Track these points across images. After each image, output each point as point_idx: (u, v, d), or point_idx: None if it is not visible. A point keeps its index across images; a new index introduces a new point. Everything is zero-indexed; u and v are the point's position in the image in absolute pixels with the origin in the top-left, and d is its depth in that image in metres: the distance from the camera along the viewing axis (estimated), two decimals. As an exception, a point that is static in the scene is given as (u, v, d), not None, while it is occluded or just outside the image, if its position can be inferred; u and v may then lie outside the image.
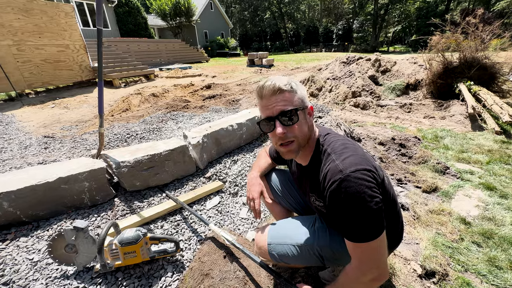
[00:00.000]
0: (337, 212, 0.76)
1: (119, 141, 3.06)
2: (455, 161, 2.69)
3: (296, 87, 0.84)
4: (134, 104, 6.42)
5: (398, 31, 36.58)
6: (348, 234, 0.75)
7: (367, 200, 0.70)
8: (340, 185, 0.73)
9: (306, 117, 0.86)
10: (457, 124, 3.81)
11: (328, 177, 0.78)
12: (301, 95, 0.85)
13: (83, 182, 1.61)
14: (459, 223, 1.77)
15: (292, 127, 0.82)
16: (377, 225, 0.73)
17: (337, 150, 0.81)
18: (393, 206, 0.89)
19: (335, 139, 0.87)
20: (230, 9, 42.78)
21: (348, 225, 0.74)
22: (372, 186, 0.73)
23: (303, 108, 0.84)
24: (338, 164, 0.76)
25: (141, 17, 17.58)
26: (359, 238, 0.73)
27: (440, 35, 4.57)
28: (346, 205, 0.72)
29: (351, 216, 0.73)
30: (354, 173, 0.72)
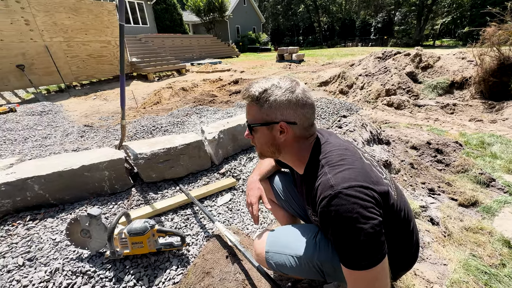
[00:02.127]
0: (328, 232, 0.67)
1: (144, 132, 3.21)
2: (504, 172, 2.33)
3: (265, 97, 0.73)
4: (164, 97, 6.72)
5: (447, 22, 32.92)
6: (341, 257, 0.66)
7: (361, 222, 0.60)
8: (330, 203, 0.64)
9: (272, 132, 0.77)
10: (510, 129, 3.30)
11: (319, 192, 0.69)
12: (266, 109, 0.74)
13: (103, 171, 1.71)
14: (501, 245, 1.53)
15: (253, 137, 0.83)
16: (374, 252, 0.62)
17: (332, 161, 0.72)
18: (406, 225, 0.77)
19: (333, 148, 0.76)
20: (263, 3, 42.44)
21: (340, 248, 0.65)
22: (368, 206, 0.62)
23: (264, 124, 0.76)
24: (330, 178, 0.67)
25: (177, 13, 18.29)
26: (352, 264, 0.63)
27: (497, 26, 3.96)
28: (336, 225, 0.63)
29: (342, 239, 0.63)
30: (347, 189, 0.63)
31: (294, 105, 0.73)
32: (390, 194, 0.71)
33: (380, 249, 0.62)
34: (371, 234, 0.61)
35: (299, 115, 0.75)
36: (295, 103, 0.73)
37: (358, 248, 0.62)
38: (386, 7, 36.29)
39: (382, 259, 0.62)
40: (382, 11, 35.35)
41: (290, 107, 0.73)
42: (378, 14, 35.32)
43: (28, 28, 6.10)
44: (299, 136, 0.78)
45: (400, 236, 0.77)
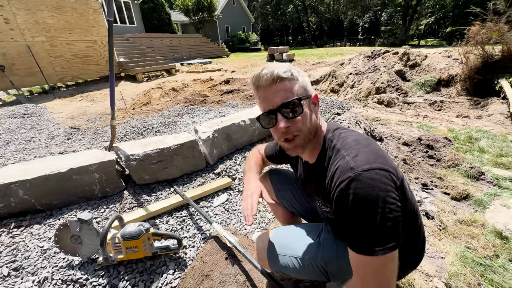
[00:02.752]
0: (343, 217, 0.64)
1: (135, 133, 3.12)
2: (492, 166, 2.41)
3: (298, 74, 0.75)
4: (154, 98, 6.59)
5: (431, 23, 33.98)
6: (352, 242, 0.63)
7: (380, 206, 0.58)
8: (349, 185, 0.61)
9: (311, 107, 0.76)
10: (495, 124, 3.42)
11: (336, 175, 0.66)
12: (303, 83, 0.75)
13: (93, 174, 1.63)
14: (494, 237, 1.56)
15: (296, 120, 0.72)
16: (390, 238, 0.59)
17: (348, 145, 0.70)
18: (413, 219, 0.76)
19: (346, 134, 0.75)
20: (252, 3, 42.43)
21: (353, 232, 0.62)
22: (389, 189, 0.60)
23: (307, 98, 0.74)
24: (349, 160, 0.64)
25: (165, 13, 18.00)
26: (364, 249, 0.60)
27: (480, 26, 4.10)
28: (354, 209, 0.60)
29: (357, 222, 0.61)
30: (367, 172, 0.60)
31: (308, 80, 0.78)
32: (405, 181, 0.69)
33: (395, 236, 0.60)
34: (390, 218, 0.59)
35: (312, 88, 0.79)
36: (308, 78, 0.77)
37: (373, 232, 0.59)
38: (372, 8, 37.06)
39: (395, 248, 0.60)
40: (369, 11, 36.05)
41: (309, 82, 0.78)
42: (365, 14, 35.98)
43: (8, 27, 5.83)
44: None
45: (409, 230, 0.75)
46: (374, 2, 37.45)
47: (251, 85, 0.76)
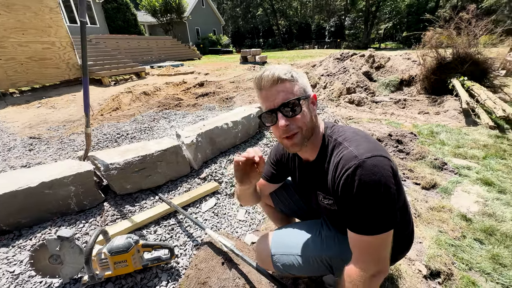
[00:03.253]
0: (347, 202, 0.69)
1: (108, 141, 2.93)
2: (452, 156, 2.68)
3: (297, 75, 0.79)
4: (124, 103, 6.25)
5: (389, 28, 36.92)
6: (354, 224, 0.69)
7: (382, 190, 0.64)
8: (355, 172, 0.66)
9: (310, 106, 0.80)
10: (451, 119, 3.82)
11: (341, 164, 0.71)
12: (302, 84, 0.79)
13: (68, 187, 1.50)
14: (460, 220, 1.75)
15: (295, 118, 0.77)
16: (388, 218, 0.66)
17: (349, 138, 0.75)
18: (404, 208, 0.83)
19: (344, 129, 0.81)
20: (222, 6, 42.27)
21: (357, 215, 0.68)
22: (389, 174, 0.66)
23: (306, 98, 0.78)
24: (353, 150, 0.70)
25: (131, 13, 17.15)
26: (365, 229, 0.67)
27: (434, 31, 4.56)
28: (359, 193, 0.66)
29: (362, 205, 0.66)
30: (370, 159, 0.66)
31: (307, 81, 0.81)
32: (397, 169, 0.76)
33: (393, 216, 0.66)
34: (389, 201, 0.65)
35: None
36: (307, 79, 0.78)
37: (375, 213, 0.65)
38: (337, 13, 39.15)
39: (392, 227, 0.67)
40: (334, 16, 38.01)
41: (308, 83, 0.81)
42: (331, 19, 37.87)
43: None
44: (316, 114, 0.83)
45: (402, 217, 0.82)
46: (338, 7, 39.60)
47: (254, 86, 0.80)
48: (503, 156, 2.58)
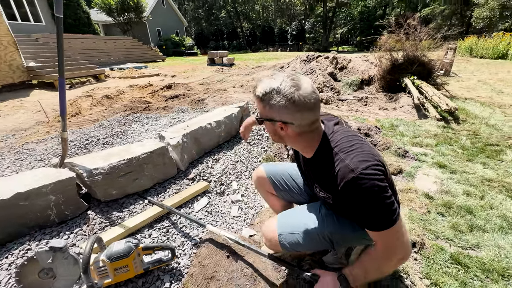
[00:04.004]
0: (355, 208, 0.79)
1: (77, 148, 2.70)
2: (411, 145, 3.05)
3: (269, 98, 0.79)
4: (84, 107, 5.75)
5: (345, 32, 39.84)
6: (369, 225, 0.79)
7: (379, 192, 0.74)
8: (354, 184, 0.75)
9: (275, 127, 0.85)
10: (406, 113, 4.32)
11: (339, 177, 0.79)
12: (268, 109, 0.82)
13: (47, 196, 1.38)
14: (424, 198, 2.02)
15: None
16: (393, 211, 0.76)
17: (344, 148, 0.82)
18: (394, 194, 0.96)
19: (341, 137, 0.86)
20: (184, 7, 41.17)
21: (367, 218, 0.78)
22: (382, 178, 0.77)
23: (268, 120, 0.84)
24: (349, 163, 0.78)
25: (82, 11, 15.74)
26: (380, 227, 0.77)
27: (388, 35, 5.11)
28: (362, 200, 0.76)
29: (369, 210, 0.76)
30: (365, 170, 0.75)
31: (291, 109, 0.78)
32: (386, 166, 0.88)
33: (395, 207, 0.78)
34: (388, 197, 0.76)
35: (296, 117, 0.79)
36: (292, 108, 0.78)
37: (382, 213, 0.76)
38: (297, 17, 40.96)
39: (398, 217, 0.78)
40: (295, 20, 39.73)
41: (286, 111, 0.79)
42: (292, 22, 39.51)
43: None
44: (300, 132, 0.84)
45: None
46: (298, 12, 41.45)
47: None
48: (450, 143, 3.02)
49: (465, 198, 1.99)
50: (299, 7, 40.38)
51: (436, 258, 1.43)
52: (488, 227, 1.66)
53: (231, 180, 2.08)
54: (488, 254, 1.45)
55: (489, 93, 5.47)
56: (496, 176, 2.27)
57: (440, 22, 25.18)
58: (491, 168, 2.42)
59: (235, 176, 2.14)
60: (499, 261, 1.39)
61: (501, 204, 1.89)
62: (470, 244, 1.54)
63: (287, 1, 37.72)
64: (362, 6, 33.41)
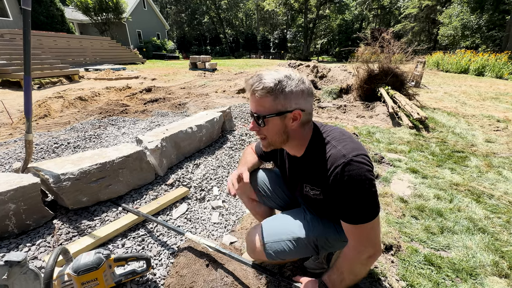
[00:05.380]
0: (339, 196, 0.79)
1: (44, 152, 2.49)
2: (386, 151, 3.20)
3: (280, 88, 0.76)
4: (54, 109, 5.39)
5: (324, 43, 41.52)
6: (348, 217, 0.79)
7: (367, 183, 0.75)
8: (344, 169, 0.76)
9: (285, 121, 0.82)
10: (381, 121, 4.54)
11: (330, 161, 0.80)
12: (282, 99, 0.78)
13: (6, 204, 1.24)
14: (399, 202, 2.10)
15: (262, 128, 0.84)
16: (375, 207, 0.78)
17: (336, 137, 0.85)
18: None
19: (332, 128, 0.90)
20: (166, 10, 40.61)
21: (349, 208, 0.78)
22: (371, 169, 0.78)
23: (279, 114, 0.79)
24: (340, 149, 0.79)
25: (56, 8, 14.94)
26: (359, 220, 0.77)
27: (364, 47, 5.39)
28: (349, 187, 0.76)
29: (352, 198, 0.76)
30: (356, 157, 0.76)
31: (305, 94, 0.81)
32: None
33: (378, 204, 0.79)
34: (374, 192, 0.77)
35: (308, 103, 0.82)
36: (306, 92, 0.81)
37: (365, 205, 0.76)
38: (280, 26, 42.06)
39: (378, 213, 0.79)
40: (277, 29, 40.74)
41: (302, 96, 0.80)
42: (274, 31, 40.46)
43: None
44: (304, 122, 0.85)
45: None
46: (280, 21, 42.58)
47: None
48: (421, 149, 3.21)
49: (436, 201, 2.10)
50: (281, 16, 41.53)
51: (411, 260, 1.48)
52: (457, 229, 1.76)
53: (212, 186, 2.02)
54: (458, 254, 1.54)
55: (454, 104, 5.93)
56: (462, 180, 2.43)
57: (410, 38, 27.18)
58: (457, 173, 2.59)
59: (216, 182, 2.09)
60: (467, 261, 1.47)
61: (467, 206, 2.02)
62: (441, 246, 1.62)
63: (269, 11, 38.65)
64: (341, 19, 35.15)
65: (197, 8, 38.43)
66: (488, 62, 12.46)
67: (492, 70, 12.14)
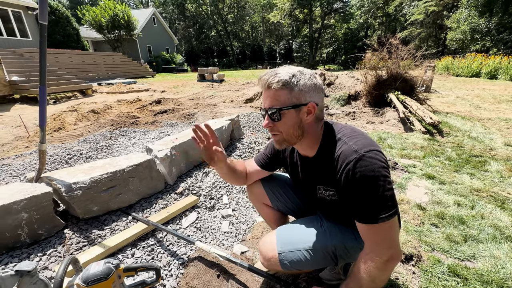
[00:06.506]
0: (352, 194, 0.75)
1: (57, 163, 2.55)
2: (399, 157, 3.10)
3: (295, 81, 0.78)
4: (68, 122, 5.57)
5: (330, 52, 41.77)
6: (362, 216, 0.75)
7: (381, 179, 0.71)
8: (355, 165, 0.72)
9: (300, 115, 0.81)
10: (393, 127, 4.43)
11: (341, 158, 0.77)
12: (297, 92, 0.78)
13: (19, 214, 1.25)
14: (417, 209, 2.00)
15: (276, 124, 0.83)
16: (391, 205, 0.72)
17: (347, 134, 0.82)
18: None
19: (343, 126, 0.88)
20: (175, 26, 42.14)
21: (362, 206, 0.73)
22: (385, 166, 0.74)
23: (294, 107, 0.79)
24: (352, 145, 0.76)
25: (72, 28, 15.77)
26: (373, 219, 0.72)
27: (372, 53, 5.37)
28: (361, 184, 0.72)
29: (366, 196, 0.72)
30: (368, 153, 0.73)
31: (318, 89, 0.82)
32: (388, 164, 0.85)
33: (394, 203, 0.73)
34: (389, 189, 0.72)
35: (320, 97, 0.83)
36: (318, 87, 0.82)
37: (379, 202, 0.71)
38: (285, 37, 42.76)
39: (395, 214, 0.74)
40: (283, 40, 41.40)
41: (315, 90, 0.81)
42: (280, 42, 41.13)
43: None
44: (317, 117, 0.84)
45: None
46: (286, 32, 43.34)
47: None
48: (436, 155, 3.09)
49: (456, 208, 1.99)
50: (287, 28, 42.29)
51: (434, 271, 1.38)
52: (482, 237, 1.64)
53: (221, 194, 2.00)
54: (485, 265, 1.43)
55: (468, 108, 5.76)
56: (483, 186, 2.31)
57: (417, 44, 26.99)
58: (477, 179, 2.47)
59: (225, 190, 2.06)
60: (496, 272, 1.36)
61: (491, 213, 1.90)
62: (466, 255, 1.52)
63: (275, 23, 39.49)
64: (346, 28, 35.42)
65: (205, 22, 39.70)
66: (501, 65, 12.14)
67: (505, 72, 11.82)
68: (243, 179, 1.16)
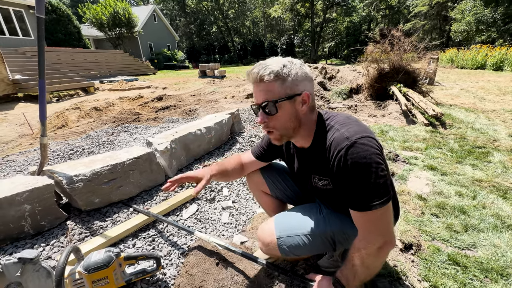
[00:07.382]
0: (344, 181, 0.75)
1: (60, 158, 2.58)
2: (401, 149, 3.08)
3: (287, 72, 0.76)
4: (71, 119, 5.62)
5: (332, 46, 41.32)
6: (354, 203, 0.74)
7: (373, 166, 0.70)
8: (347, 151, 0.72)
9: (295, 105, 0.80)
10: (395, 120, 4.40)
11: (333, 146, 0.76)
12: (290, 82, 0.77)
13: (22, 205, 1.28)
14: (417, 200, 2.00)
15: (272, 118, 0.81)
16: (384, 193, 0.72)
17: (340, 121, 0.82)
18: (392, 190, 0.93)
19: (336, 114, 0.87)
20: (175, 22, 41.97)
21: (355, 193, 0.73)
22: (378, 152, 0.73)
23: (289, 98, 0.78)
24: (344, 132, 0.76)
25: (73, 26, 15.80)
26: (365, 206, 0.72)
27: (374, 45, 5.30)
28: (353, 171, 0.71)
29: (358, 183, 0.72)
30: (360, 139, 0.72)
31: (308, 77, 0.81)
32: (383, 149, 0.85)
33: (387, 190, 0.73)
34: (382, 176, 0.71)
35: (312, 86, 0.83)
36: (309, 76, 0.81)
37: (372, 190, 0.70)
38: (287, 32, 42.36)
39: (388, 201, 0.73)
40: (284, 35, 41.03)
41: (306, 79, 0.80)
42: (281, 37, 40.76)
43: None
44: (312, 106, 0.84)
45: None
46: (287, 27, 42.90)
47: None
48: (439, 146, 3.07)
49: (458, 198, 1.98)
50: (288, 22, 41.85)
51: (433, 260, 1.38)
52: (483, 227, 1.64)
53: (221, 187, 2.01)
54: (485, 253, 1.42)
55: (472, 99, 5.67)
56: (485, 176, 2.29)
57: (421, 36, 26.54)
58: (480, 169, 2.45)
59: (225, 182, 2.07)
60: (497, 260, 1.36)
61: (493, 203, 1.89)
62: (466, 244, 1.51)
63: (276, 17, 39.08)
64: (348, 22, 34.96)
65: (205, 19, 39.45)
66: (507, 56, 11.92)
67: (511, 64, 11.60)
68: (238, 174, 1.19)
